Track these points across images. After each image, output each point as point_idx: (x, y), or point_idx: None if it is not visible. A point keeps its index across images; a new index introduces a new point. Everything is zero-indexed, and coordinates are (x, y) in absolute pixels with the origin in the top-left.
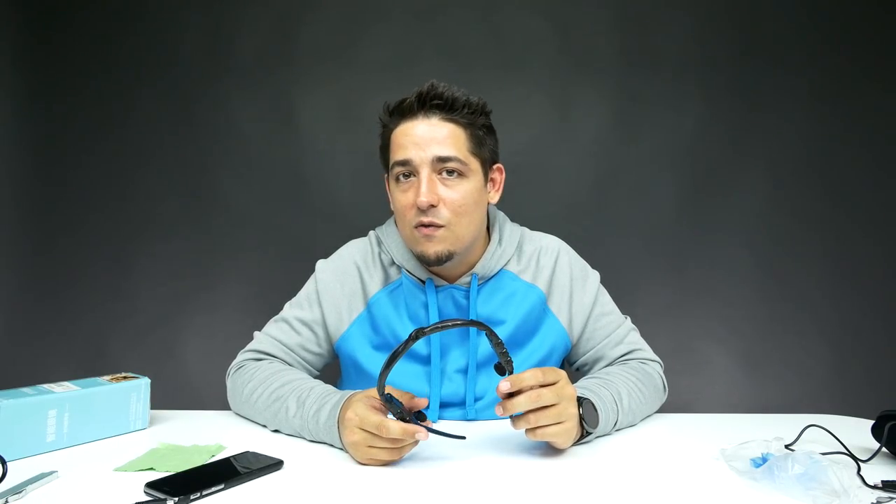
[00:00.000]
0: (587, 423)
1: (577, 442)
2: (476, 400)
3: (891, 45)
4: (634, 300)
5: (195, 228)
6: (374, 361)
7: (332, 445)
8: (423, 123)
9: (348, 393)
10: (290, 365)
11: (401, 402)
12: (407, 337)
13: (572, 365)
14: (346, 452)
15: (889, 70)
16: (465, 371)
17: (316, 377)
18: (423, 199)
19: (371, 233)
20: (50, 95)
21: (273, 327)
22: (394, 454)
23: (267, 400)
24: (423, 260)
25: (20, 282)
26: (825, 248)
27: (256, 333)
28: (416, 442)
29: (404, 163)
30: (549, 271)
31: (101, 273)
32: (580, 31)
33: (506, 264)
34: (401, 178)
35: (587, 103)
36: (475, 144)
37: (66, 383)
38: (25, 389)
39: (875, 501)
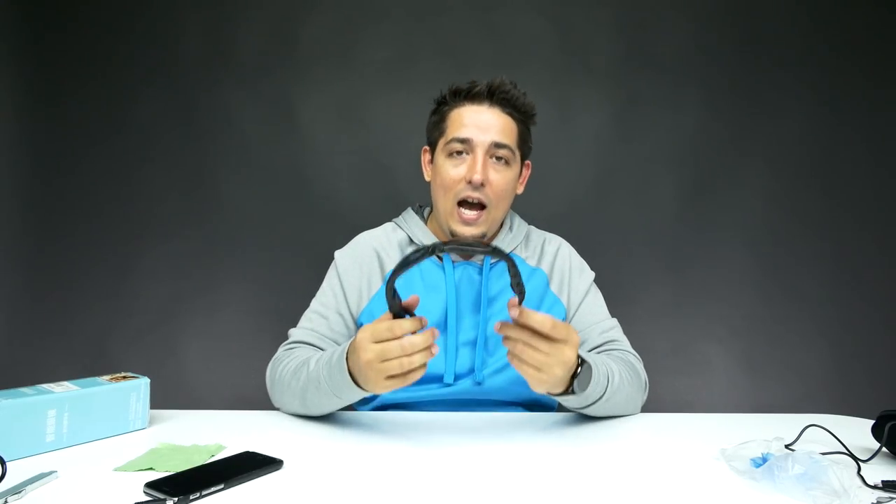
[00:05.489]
0: (578, 382)
1: (557, 394)
2: (484, 367)
3: (891, 44)
4: (634, 300)
5: (195, 228)
6: None
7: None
8: (488, 112)
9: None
10: (323, 350)
11: (401, 299)
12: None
13: None
14: (359, 387)
15: (889, 70)
16: (473, 343)
17: None
18: (478, 176)
19: (386, 224)
20: (50, 96)
21: (304, 320)
22: (405, 364)
23: (293, 371)
24: (456, 237)
25: (20, 282)
26: (825, 248)
27: (291, 330)
28: (429, 354)
29: (464, 140)
30: (551, 257)
31: (101, 273)
32: (580, 31)
33: (514, 249)
34: (454, 154)
35: (587, 103)
36: (521, 139)
37: (65, 383)
38: (25, 389)
39: (875, 501)
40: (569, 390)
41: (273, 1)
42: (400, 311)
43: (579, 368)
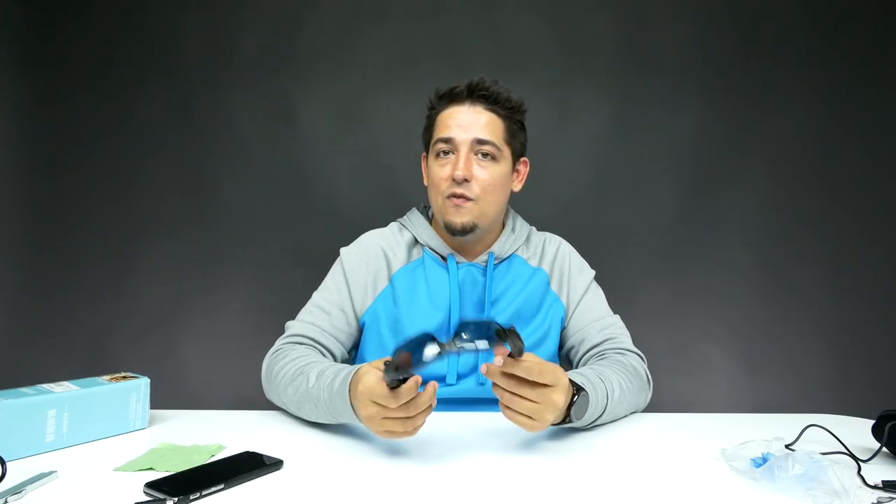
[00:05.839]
0: (575, 412)
1: (553, 425)
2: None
3: (891, 45)
4: (634, 300)
5: (195, 228)
6: (392, 336)
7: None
8: (469, 110)
9: (361, 365)
10: (324, 345)
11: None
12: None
13: (561, 350)
14: (362, 423)
15: (889, 70)
16: None
17: (346, 360)
18: (460, 172)
19: (392, 224)
20: (50, 96)
21: (305, 313)
22: (408, 424)
23: (291, 376)
24: (449, 229)
25: (20, 282)
26: (825, 248)
27: (289, 322)
28: (430, 409)
29: (447, 140)
30: (551, 256)
31: (101, 273)
32: (580, 31)
33: (516, 250)
34: (441, 154)
35: (587, 103)
36: (509, 135)
37: (65, 383)
38: (25, 389)
39: (875, 501)
40: (566, 420)
41: (273, 1)
42: (398, 380)
43: (575, 397)
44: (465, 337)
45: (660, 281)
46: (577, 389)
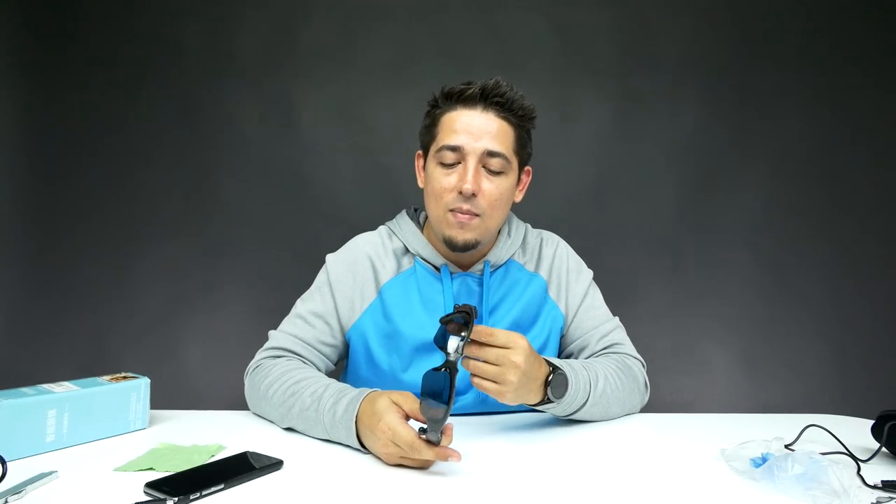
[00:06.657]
0: (552, 391)
1: (540, 404)
2: None
3: (891, 45)
4: (634, 300)
5: (195, 228)
6: (383, 351)
7: (346, 446)
8: (481, 116)
9: (366, 390)
10: (307, 359)
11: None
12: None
13: (559, 355)
14: (361, 451)
15: (889, 70)
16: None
17: (331, 371)
18: (469, 186)
19: (381, 227)
20: (50, 96)
21: (287, 324)
22: (426, 463)
23: (283, 395)
24: (449, 244)
25: (20, 282)
26: (825, 247)
27: (271, 332)
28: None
29: (455, 148)
30: (549, 261)
31: (101, 273)
32: (580, 31)
33: (512, 255)
34: (445, 161)
35: (587, 103)
36: (519, 145)
37: (65, 383)
38: (25, 389)
39: (875, 501)
40: (545, 400)
41: (273, 1)
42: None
43: (550, 376)
44: (448, 336)
45: (660, 281)
46: (554, 369)
